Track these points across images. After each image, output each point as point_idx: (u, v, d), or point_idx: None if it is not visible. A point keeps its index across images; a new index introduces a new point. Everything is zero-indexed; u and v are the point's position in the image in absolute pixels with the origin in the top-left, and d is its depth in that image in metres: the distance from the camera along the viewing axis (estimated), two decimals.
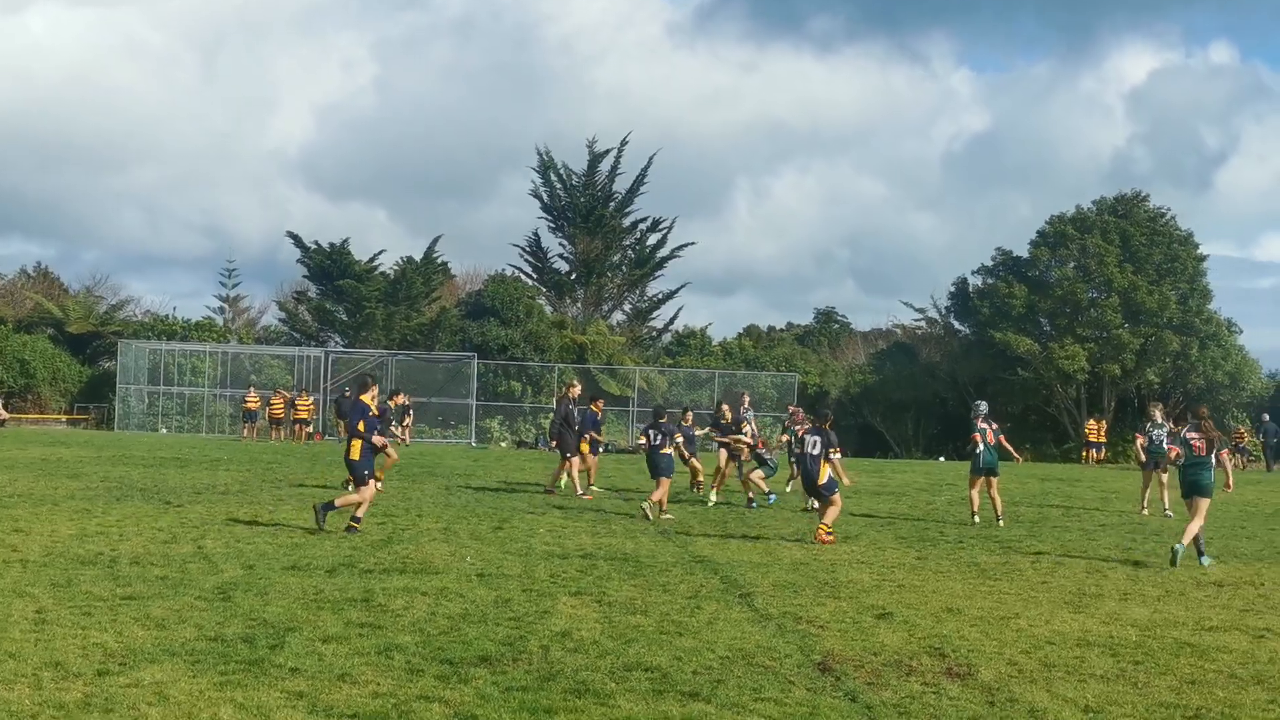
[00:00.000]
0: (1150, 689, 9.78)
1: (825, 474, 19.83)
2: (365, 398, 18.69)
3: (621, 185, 77.84)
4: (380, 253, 71.63)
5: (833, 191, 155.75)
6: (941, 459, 59.38)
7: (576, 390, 28.88)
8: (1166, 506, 25.66)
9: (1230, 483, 20.10)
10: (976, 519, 23.09)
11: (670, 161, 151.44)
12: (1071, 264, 65.22)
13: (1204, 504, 18.16)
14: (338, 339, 68.97)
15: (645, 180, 78.22)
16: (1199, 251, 65.68)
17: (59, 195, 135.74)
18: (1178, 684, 9.97)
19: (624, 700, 8.72)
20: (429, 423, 63.07)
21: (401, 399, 28.88)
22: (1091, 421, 58.79)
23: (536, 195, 78.45)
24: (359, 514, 18.22)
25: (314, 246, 69.19)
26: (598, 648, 10.39)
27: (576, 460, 26.52)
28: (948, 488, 31.83)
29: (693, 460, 26.74)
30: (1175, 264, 64.19)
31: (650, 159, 78.61)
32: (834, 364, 75.87)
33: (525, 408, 64.53)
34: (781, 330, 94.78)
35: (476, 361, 60.49)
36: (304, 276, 70.70)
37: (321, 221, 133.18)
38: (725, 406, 27.31)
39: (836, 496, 19.94)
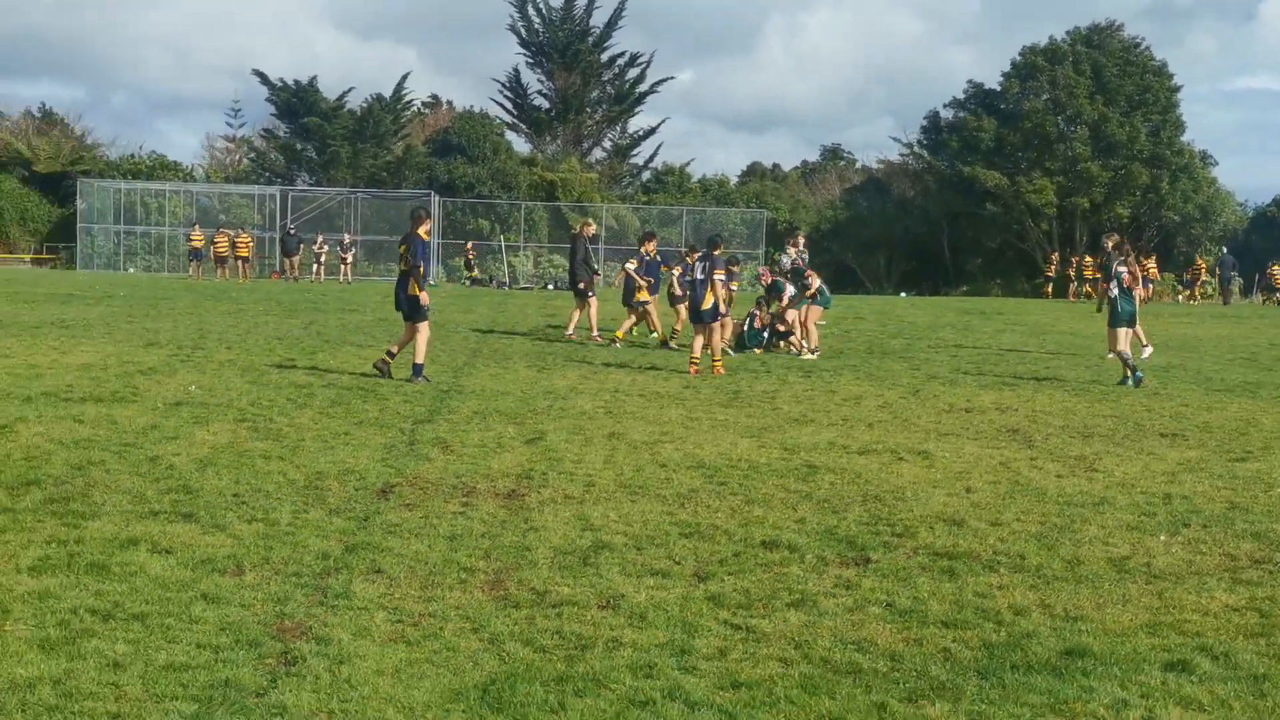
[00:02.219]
0: (701, 508, 9.78)
1: (709, 300, 19.81)
2: (421, 231, 17.52)
3: (600, 19, 76.75)
4: (349, 90, 70.92)
5: (868, 26, 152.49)
6: (903, 294, 59.21)
7: (591, 229, 28.15)
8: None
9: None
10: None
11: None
12: (1043, 96, 64.22)
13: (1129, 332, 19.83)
14: (306, 177, 68.54)
15: (624, 14, 77.11)
16: (1173, 82, 64.56)
17: (85, 36, 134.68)
18: (738, 504, 9.96)
19: None
20: (386, 260, 63.00)
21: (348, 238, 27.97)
22: (1056, 255, 58.61)
23: (514, 30, 77.39)
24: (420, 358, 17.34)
25: (280, 84, 68.37)
26: None
27: (595, 301, 25.64)
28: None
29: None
30: (1148, 95, 63.22)
31: None
32: (806, 200, 75.25)
33: (495, 245, 64.30)
34: (788, 169, 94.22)
35: (437, 199, 60.06)
36: (271, 115, 70.03)
37: (349, 61, 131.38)
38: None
39: (716, 324, 19.98)
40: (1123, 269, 20.14)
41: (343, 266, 50.24)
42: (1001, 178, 62.65)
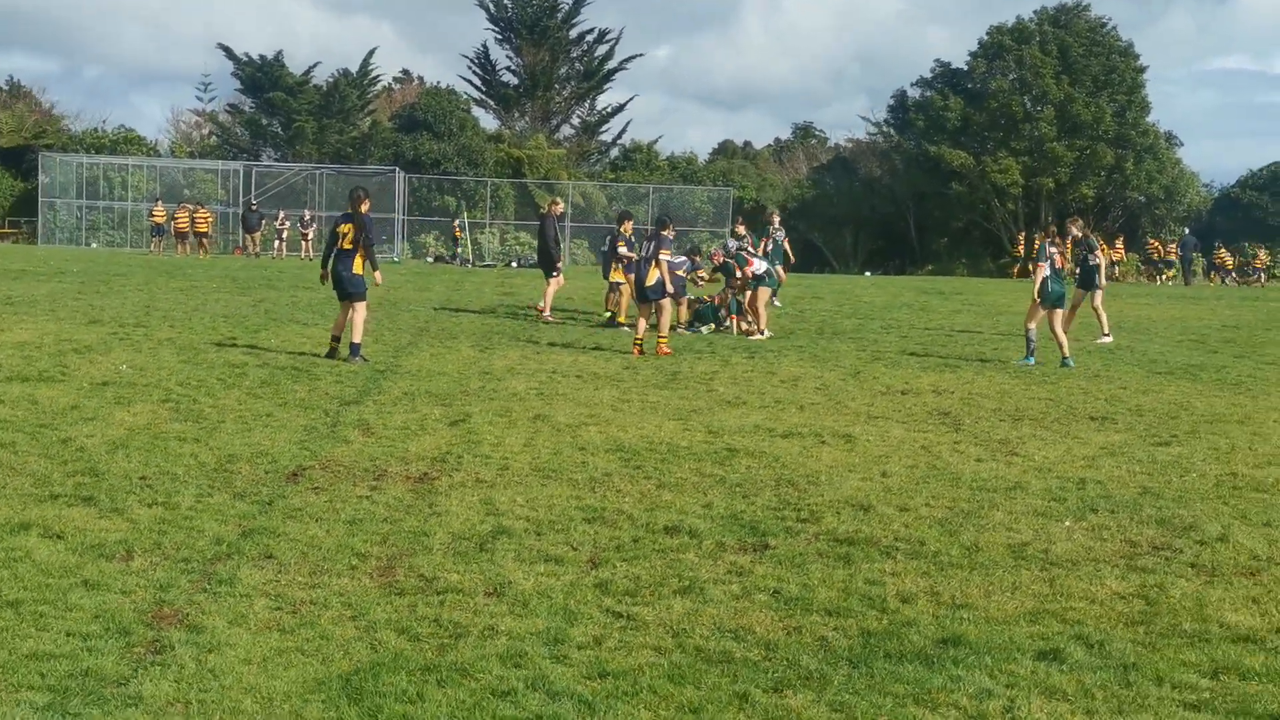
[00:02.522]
0: (610, 493, 9.78)
1: (654, 276, 19.79)
2: (363, 210, 17.70)
3: None
4: (315, 65, 70.60)
5: (847, 4, 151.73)
6: (868, 274, 59.30)
7: (559, 208, 28.03)
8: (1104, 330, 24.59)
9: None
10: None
11: None
12: (1010, 76, 64.24)
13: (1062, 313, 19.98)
14: (271, 153, 68.17)
15: None
16: (1139, 63, 64.67)
17: (58, 7, 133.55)
18: (650, 488, 9.96)
19: None
20: None
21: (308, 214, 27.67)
22: (1023, 235, 58.78)
23: (483, 5, 77.02)
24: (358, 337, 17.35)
25: (245, 59, 67.97)
26: None
27: (556, 281, 25.51)
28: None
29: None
30: (1114, 76, 63.32)
31: None
32: (773, 178, 75.17)
33: (465, 223, 64.05)
34: (760, 147, 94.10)
35: (399, 175, 59.83)
36: (237, 89, 69.61)
37: (324, 36, 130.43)
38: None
39: (666, 302, 19.95)
40: (1054, 249, 20.09)
41: (304, 243, 50.07)
42: (967, 157, 62.72)
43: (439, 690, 5.72)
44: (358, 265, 17.43)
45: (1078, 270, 25.98)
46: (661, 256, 19.88)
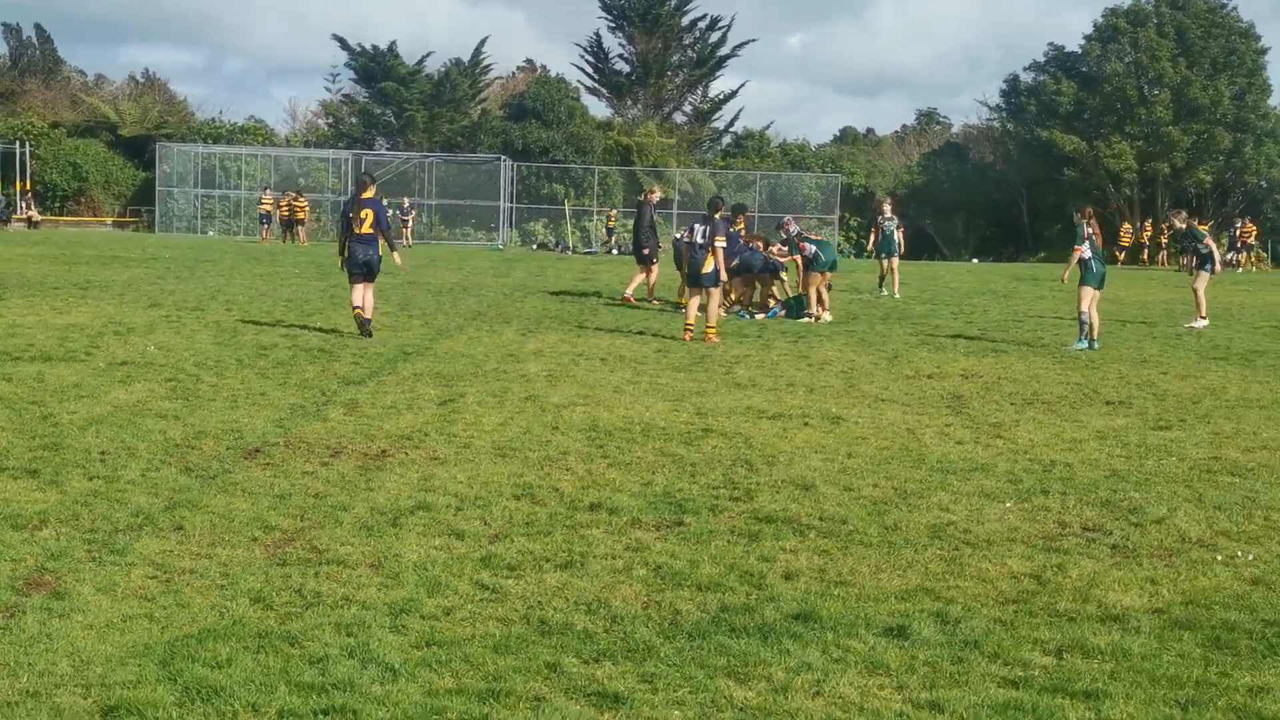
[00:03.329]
0: (557, 471, 9.79)
1: (710, 264, 19.76)
2: (369, 195, 18.64)
3: None
4: (428, 55, 71.44)
5: None
6: (974, 260, 58.56)
7: (656, 195, 28.25)
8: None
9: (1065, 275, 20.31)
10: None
11: None
12: (1125, 59, 62.91)
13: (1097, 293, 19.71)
14: (383, 142, 69.13)
15: None
16: (1260, 44, 62.95)
17: (202, 1, 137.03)
18: (600, 467, 9.95)
19: None
20: (461, 224, 63.52)
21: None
22: (1126, 224, 57.60)
23: None
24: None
25: (359, 49, 68.98)
26: None
27: (656, 268, 25.83)
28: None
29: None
30: (1233, 58, 61.74)
31: None
32: (882, 164, 74.47)
33: (567, 210, 64.45)
34: (884, 134, 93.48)
35: (505, 163, 60.37)
36: (351, 80, 70.69)
37: (460, 26, 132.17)
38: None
39: (716, 290, 19.92)
40: (1091, 231, 19.88)
41: (405, 230, 50.73)
42: (1080, 142, 61.58)
43: (251, 657, 5.81)
44: (381, 248, 17.75)
45: (1194, 259, 26.27)
46: (717, 244, 19.81)
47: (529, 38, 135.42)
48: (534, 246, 57.34)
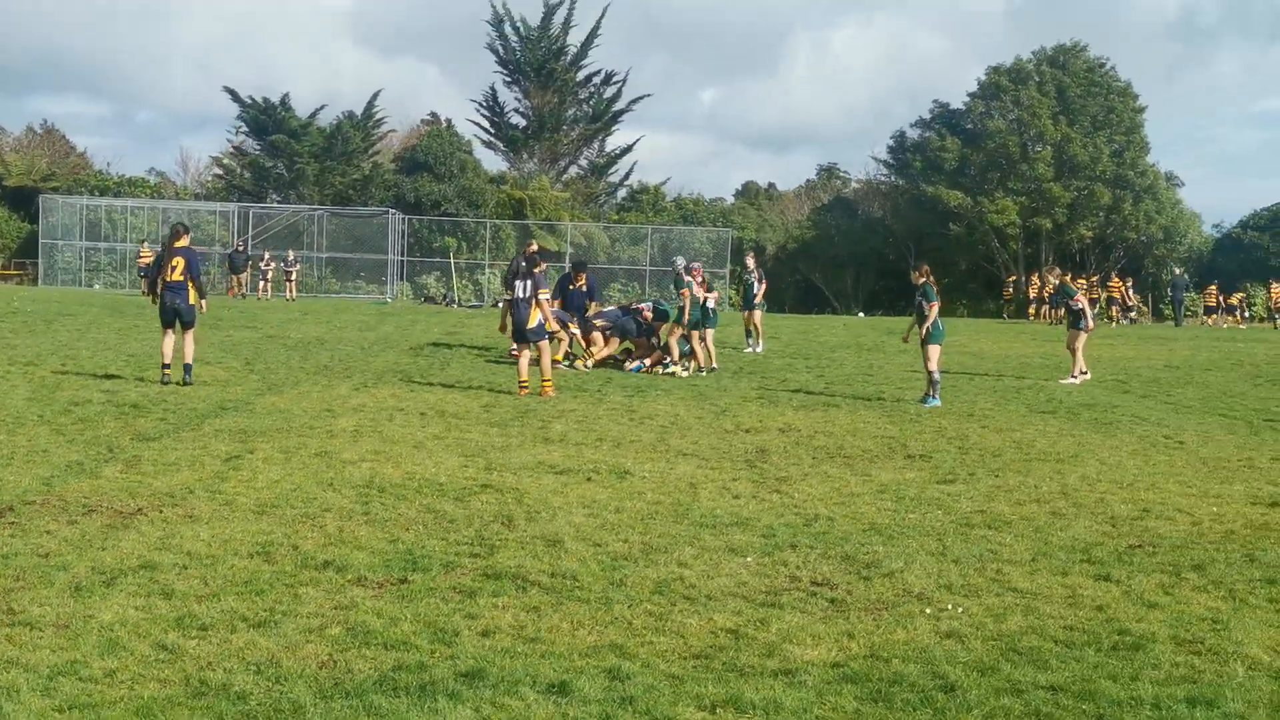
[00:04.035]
0: (307, 528, 9.77)
1: (535, 318, 19.75)
2: (183, 243, 19.07)
3: (577, 38, 76.89)
4: (321, 108, 71.24)
5: (891, 45, 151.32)
6: (860, 314, 59.15)
7: (533, 247, 28.00)
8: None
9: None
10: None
11: (719, 13, 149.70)
12: (1009, 116, 64.06)
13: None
14: (275, 195, 68.76)
15: (599, 32, 77.24)
16: (1138, 103, 64.36)
17: (112, 52, 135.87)
18: (356, 525, 9.94)
19: None
20: (351, 277, 63.28)
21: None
22: (1010, 278, 58.43)
23: (492, 48, 77.65)
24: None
25: (250, 101, 68.69)
26: None
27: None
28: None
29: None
30: (1112, 116, 63.03)
31: (605, 9, 78.40)
32: (773, 219, 75.17)
33: (461, 264, 64.34)
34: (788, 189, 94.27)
35: (393, 216, 60.26)
36: (241, 132, 70.31)
37: (372, 79, 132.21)
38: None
39: (545, 344, 19.90)
40: (932, 290, 20.10)
41: (288, 284, 50.43)
42: (964, 198, 62.50)
43: None
44: (192, 296, 18.54)
45: (1065, 315, 26.38)
46: (540, 296, 19.84)
47: (446, 90, 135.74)
48: (421, 300, 57.14)
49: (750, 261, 31.78)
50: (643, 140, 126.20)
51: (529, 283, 19.82)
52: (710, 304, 24.17)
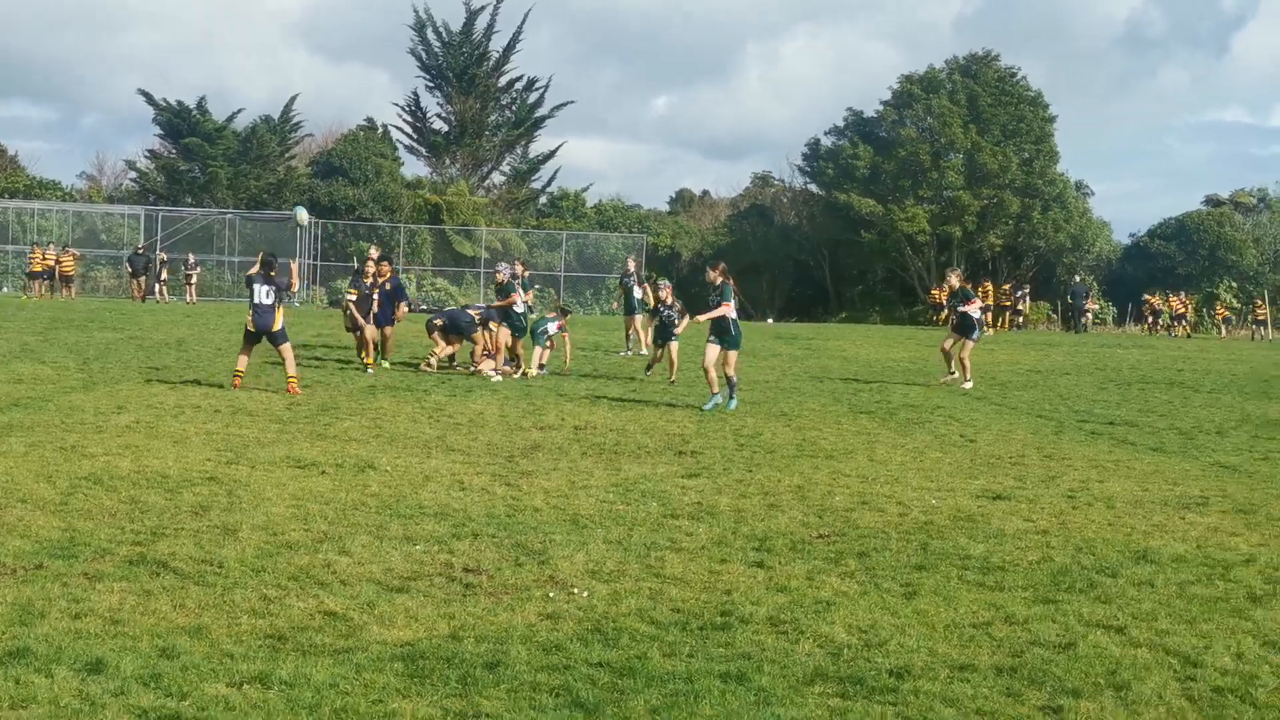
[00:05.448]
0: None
1: (279, 320, 19.68)
2: None
3: (500, 43, 76.90)
4: (238, 111, 70.94)
5: (842, 57, 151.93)
6: (770, 320, 59.44)
7: (375, 254, 27.85)
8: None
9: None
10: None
11: (672, 22, 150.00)
12: (918, 125, 64.51)
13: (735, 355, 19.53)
14: (189, 198, 68.40)
15: (521, 38, 77.25)
16: (1048, 113, 64.93)
17: (61, 58, 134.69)
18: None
19: None
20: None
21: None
22: (935, 289, 58.72)
23: (414, 53, 77.48)
24: None
25: (164, 104, 68.35)
26: None
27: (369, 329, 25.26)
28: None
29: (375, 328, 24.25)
30: (1022, 125, 63.52)
31: (525, 15, 78.57)
32: (689, 226, 75.39)
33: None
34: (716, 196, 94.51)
35: (314, 220, 60.08)
36: (156, 135, 69.98)
37: (324, 85, 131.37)
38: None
39: (288, 346, 19.74)
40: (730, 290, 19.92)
41: (188, 287, 50.20)
42: (875, 205, 62.86)
43: None
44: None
45: (955, 319, 25.75)
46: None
47: (392, 95, 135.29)
48: (325, 304, 56.99)
49: (631, 265, 31.70)
50: (590, 148, 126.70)
51: (272, 287, 19.70)
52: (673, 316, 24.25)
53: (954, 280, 26.73)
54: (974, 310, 25.40)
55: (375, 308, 23.90)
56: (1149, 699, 6.46)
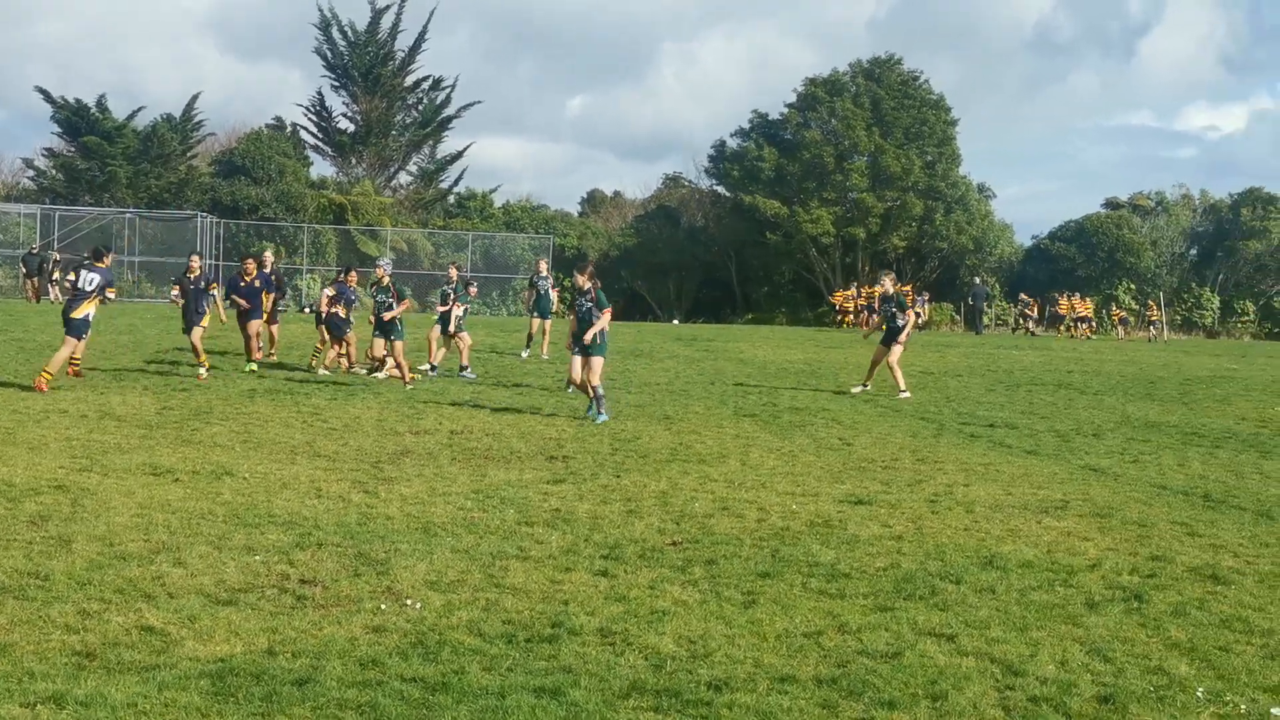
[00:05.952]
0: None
1: (84, 311, 19.39)
2: None
3: (405, 42, 76.35)
4: (139, 110, 69.94)
5: (759, 57, 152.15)
6: (675, 321, 59.47)
7: (269, 257, 27.52)
8: None
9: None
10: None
11: (591, 20, 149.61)
12: (822, 127, 64.88)
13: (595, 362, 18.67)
14: (88, 197, 67.31)
15: (426, 38, 76.78)
16: (950, 116, 65.54)
17: None
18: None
19: None
20: (164, 282, 62.09)
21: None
22: (839, 292, 58.96)
23: (319, 52, 76.75)
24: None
25: (62, 102, 67.23)
26: None
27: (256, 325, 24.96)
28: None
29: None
30: (925, 128, 64.08)
31: (430, 14, 77.84)
32: (596, 227, 75.33)
33: (280, 269, 63.45)
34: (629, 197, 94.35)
35: (204, 219, 59.37)
36: (54, 134, 68.80)
37: (236, 84, 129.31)
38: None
39: (74, 339, 19.50)
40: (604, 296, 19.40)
41: (51, 288, 49.43)
42: (781, 207, 63.12)
43: None
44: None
45: (884, 326, 24.52)
46: (109, 294, 19.59)
47: (305, 94, 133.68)
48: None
49: (543, 267, 31.42)
50: (506, 148, 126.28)
51: (96, 275, 19.43)
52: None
53: (887, 283, 24.82)
54: (905, 322, 23.90)
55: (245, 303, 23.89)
56: (963, 710, 6.43)
